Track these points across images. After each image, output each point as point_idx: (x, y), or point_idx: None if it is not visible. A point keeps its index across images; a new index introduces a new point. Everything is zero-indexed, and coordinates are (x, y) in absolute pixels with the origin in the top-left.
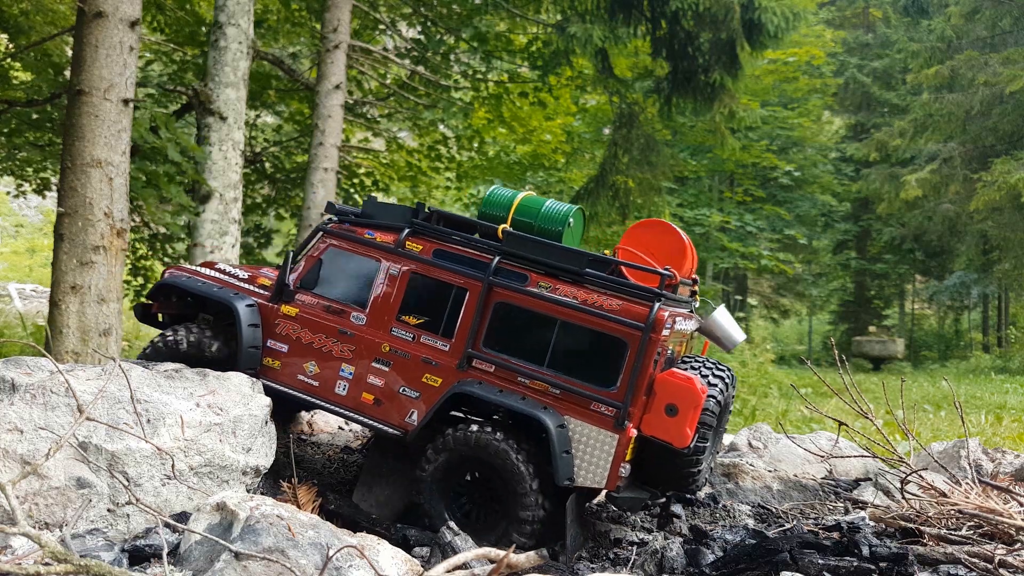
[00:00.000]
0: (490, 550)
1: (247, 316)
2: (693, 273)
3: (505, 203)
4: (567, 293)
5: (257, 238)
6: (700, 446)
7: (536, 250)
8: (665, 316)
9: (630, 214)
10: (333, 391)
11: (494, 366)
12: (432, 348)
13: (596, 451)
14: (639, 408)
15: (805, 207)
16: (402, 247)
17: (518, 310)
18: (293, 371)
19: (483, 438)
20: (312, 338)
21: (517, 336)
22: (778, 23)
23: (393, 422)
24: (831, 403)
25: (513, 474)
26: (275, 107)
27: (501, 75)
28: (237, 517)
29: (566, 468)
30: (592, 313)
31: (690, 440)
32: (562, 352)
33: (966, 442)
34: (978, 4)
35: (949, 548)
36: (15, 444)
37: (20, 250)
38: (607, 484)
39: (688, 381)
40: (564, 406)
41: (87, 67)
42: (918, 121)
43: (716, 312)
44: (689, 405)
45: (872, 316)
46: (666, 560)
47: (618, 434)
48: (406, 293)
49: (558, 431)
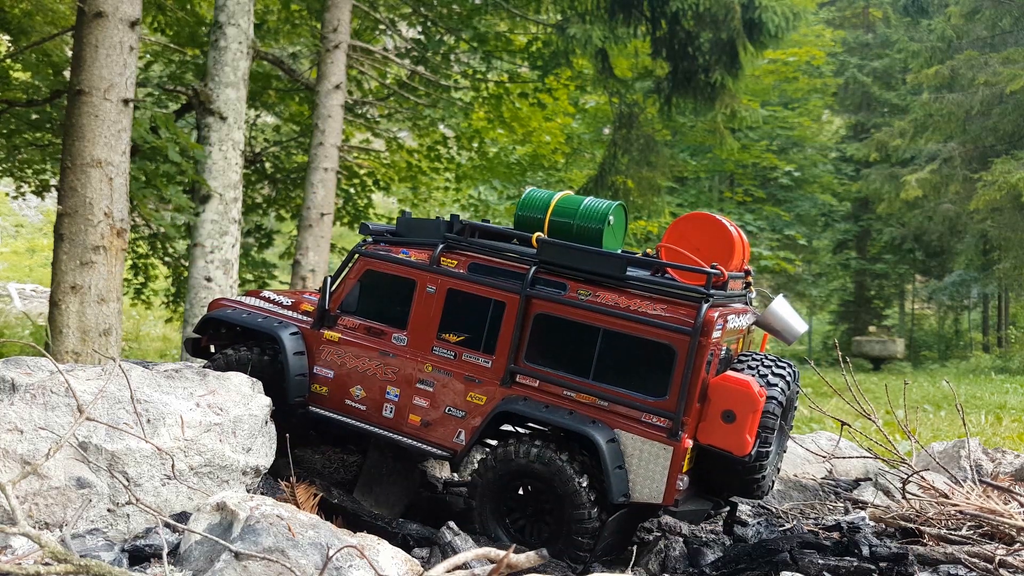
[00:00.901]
0: (490, 550)
1: (291, 345)
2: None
3: (542, 205)
4: (608, 299)
5: (258, 238)
6: (763, 451)
7: (572, 256)
8: (715, 317)
9: (630, 214)
10: (380, 414)
11: (538, 381)
12: (475, 365)
13: (650, 465)
14: (693, 417)
15: (805, 207)
16: (437, 264)
17: (559, 321)
18: (340, 396)
19: (534, 453)
20: (356, 362)
21: (560, 348)
22: (778, 23)
23: (441, 443)
24: (831, 403)
25: (567, 490)
26: (275, 107)
27: (501, 75)
28: (237, 517)
29: (620, 484)
30: (636, 319)
31: (751, 447)
32: (608, 362)
33: (966, 442)
34: (978, 4)
35: (949, 548)
36: (15, 444)
37: (20, 250)
38: (664, 499)
39: (744, 384)
40: (614, 419)
41: (87, 67)
42: (918, 121)
43: (774, 304)
44: (747, 410)
45: (872, 316)
46: (668, 560)
47: (672, 446)
48: (444, 310)
49: (609, 446)
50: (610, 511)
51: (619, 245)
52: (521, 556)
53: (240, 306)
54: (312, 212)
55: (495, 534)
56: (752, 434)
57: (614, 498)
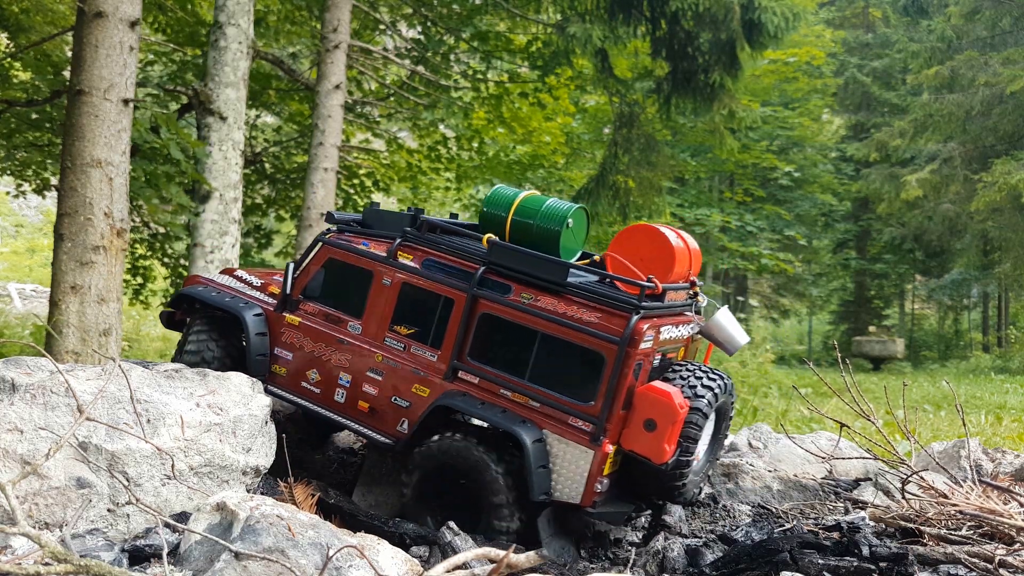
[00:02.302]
0: (490, 550)
1: (254, 325)
2: (692, 275)
3: (506, 203)
4: (548, 304)
5: (257, 239)
6: (683, 459)
7: (518, 260)
8: (644, 328)
9: (630, 214)
10: (333, 399)
11: (479, 378)
12: (421, 358)
13: (572, 466)
14: (617, 423)
15: (805, 207)
16: (394, 257)
17: (501, 322)
18: (297, 378)
19: (463, 448)
20: (313, 347)
21: (500, 348)
22: (778, 23)
23: (386, 431)
24: (831, 403)
25: (490, 485)
26: (275, 107)
27: (501, 75)
28: (237, 517)
29: (542, 483)
30: (571, 326)
31: (669, 456)
32: (543, 365)
33: (966, 442)
34: (978, 4)
35: (949, 548)
36: (15, 444)
37: (20, 250)
38: (582, 500)
39: (666, 395)
40: (544, 420)
41: (87, 67)
42: (918, 121)
43: (717, 315)
44: (667, 420)
45: (872, 316)
46: (667, 560)
47: (593, 450)
48: (398, 303)
49: (535, 445)
50: (534, 509)
51: (579, 247)
52: (521, 556)
53: (212, 284)
54: (312, 212)
55: (424, 520)
56: (671, 443)
57: (534, 496)
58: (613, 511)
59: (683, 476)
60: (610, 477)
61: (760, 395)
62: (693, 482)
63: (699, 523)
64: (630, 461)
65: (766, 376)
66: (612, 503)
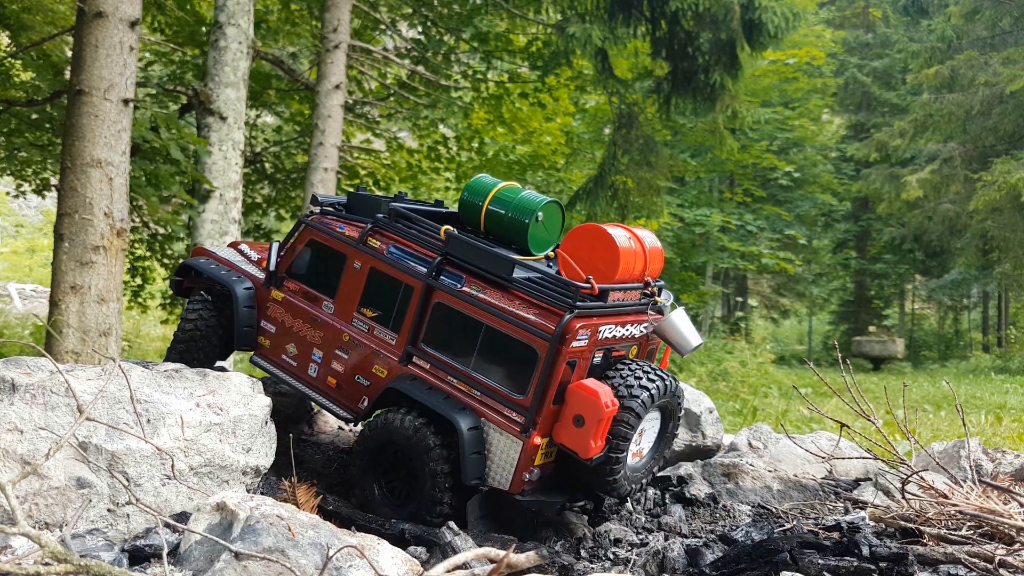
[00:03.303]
0: (490, 550)
1: (243, 298)
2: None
3: (483, 192)
4: (493, 298)
5: (257, 238)
6: (613, 456)
7: (470, 253)
8: (576, 327)
9: (629, 214)
10: (307, 372)
11: (430, 364)
12: (382, 341)
13: (504, 455)
14: (548, 416)
15: (805, 207)
16: (364, 242)
17: (452, 311)
18: (278, 351)
19: (405, 427)
20: (293, 322)
21: (450, 336)
22: (778, 23)
23: (348, 406)
24: (831, 403)
25: (427, 464)
26: (275, 107)
27: (501, 75)
28: (237, 517)
29: (474, 468)
30: (509, 320)
31: (596, 452)
32: (485, 356)
33: (966, 442)
34: (978, 4)
35: (949, 548)
36: (15, 444)
37: (20, 250)
38: (511, 488)
39: (593, 394)
40: (483, 408)
41: (87, 67)
42: (918, 121)
43: (670, 316)
44: (594, 418)
45: (872, 316)
46: (667, 560)
47: (523, 441)
48: (366, 287)
49: (470, 432)
50: (470, 491)
51: (553, 241)
52: (521, 556)
53: (213, 256)
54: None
55: (370, 493)
56: (596, 440)
57: (466, 480)
58: (544, 500)
59: (614, 472)
60: (544, 468)
61: (760, 395)
62: (632, 478)
63: (699, 523)
64: (565, 454)
65: (766, 376)
66: (546, 493)
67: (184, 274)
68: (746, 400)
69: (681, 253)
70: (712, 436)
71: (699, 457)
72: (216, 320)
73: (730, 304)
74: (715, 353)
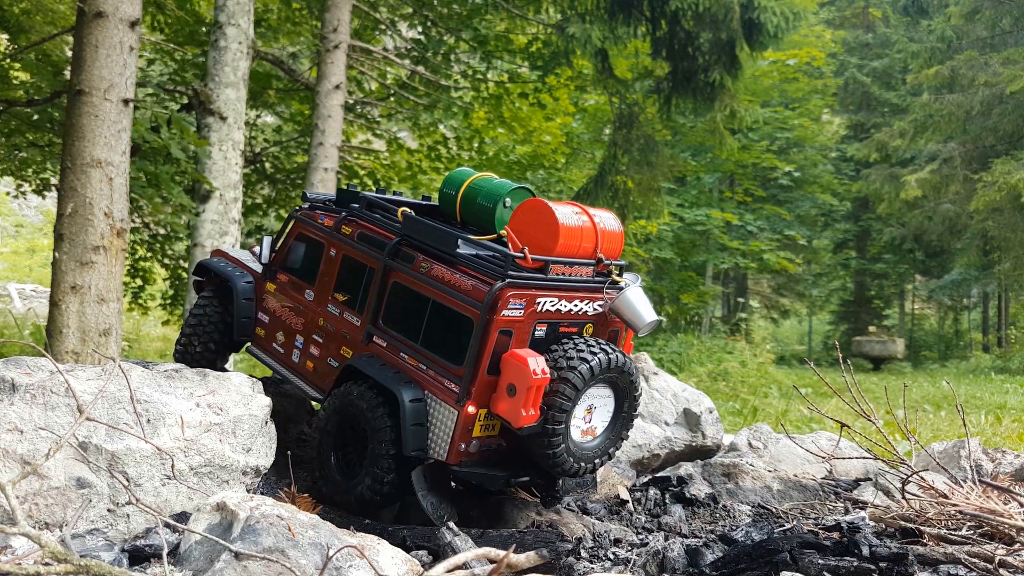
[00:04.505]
0: (490, 550)
1: (242, 291)
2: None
3: (458, 183)
4: (438, 273)
5: (257, 239)
6: (550, 428)
7: (420, 231)
8: (508, 296)
9: (630, 214)
10: (291, 358)
11: (386, 342)
12: (349, 323)
13: (443, 426)
14: (484, 387)
15: (805, 207)
16: (337, 231)
17: (406, 289)
18: (270, 340)
19: (356, 398)
20: (281, 312)
21: (404, 314)
22: (778, 23)
23: (321, 388)
24: (831, 403)
25: (374, 435)
26: (275, 107)
27: (501, 75)
28: (237, 517)
29: (414, 440)
30: (449, 292)
31: (527, 421)
32: (432, 330)
33: (966, 442)
34: (978, 4)
35: (949, 548)
36: (15, 444)
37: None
38: (448, 458)
39: (522, 361)
40: (428, 382)
41: (87, 67)
42: (918, 121)
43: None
44: (523, 385)
45: (872, 316)
46: (667, 560)
47: (458, 410)
48: (338, 273)
49: (412, 404)
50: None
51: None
52: (521, 556)
53: (225, 256)
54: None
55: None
56: (528, 408)
57: (406, 451)
58: (483, 473)
59: (552, 445)
60: (486, 441)
61: (760, 395)
62: (582, 456)
63: (699, 523)
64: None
65: (766, 376)
66: (486, 466)
67: (202, 274)
68: (746, 400)
69: (681, 253)
70: (712, 436)
71: (699, 457)
72: (219, 311)
73: (730, 304)
74: (715, 353)
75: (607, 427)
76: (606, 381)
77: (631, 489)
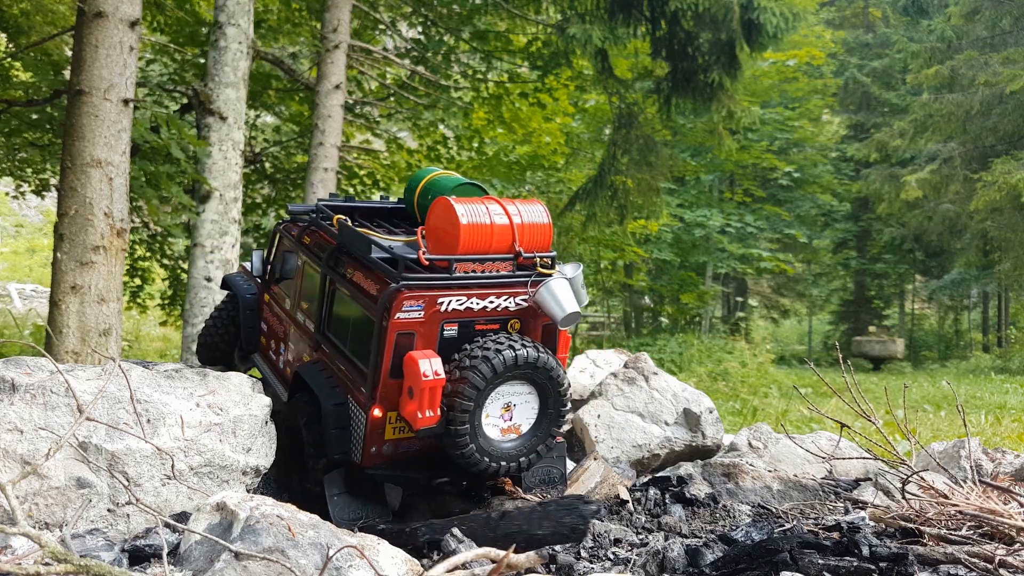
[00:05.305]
0: (490, 550)
1: (245, 304)
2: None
3: (416, 183)
4: (357, 278)
5: (257, 238)
6: (452, 428)
7: (348, 237)
8: (402, 298)
9: (629, 214)
10: (278, 366)
11: (329, 348)
12: (308, 330)
13: (357, 429)
14: (390, 390)
15: (805, 207)
16: (300, 240)
17: (339, 295)
18: (266, 348)
19: (291, 407)
20: (272, 321)
21: (339, 320)
22: (777, 23)
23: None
24: (831, 403)
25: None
26: (275, 107)
27: (501, 75)
28: (237, 517)
29: (335, 443)
30: (360, 297)
31: (425, 423)
32: (355, 335)
33: (966, 442)
34: (978, 4)
35: (949, 548)
36: (15, 444)
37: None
38: (362, 461)
39: (414, 362)
40: (349, 386)
41: (87, 67)
42: (918, 121)
43: (547, 283)
44: (417, 388)
45: (872, 316)
46: (667, 560)
47: (366, 414)
48: (302, 281)
49: (334, 408)
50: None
51: None
52: (521, 556)
53: (245, 271)
54: None
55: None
56: (423, 410)
57: (329, 454)
58: (398, 475)
59: (458, 445)
60: (404, 443)
61: (760, 395)
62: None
63: (699, 523)
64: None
65: (766, 376)
66: (406, 468)
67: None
68: (746, 400)
69: (681, 253)
70: (712, 436)
71: (699, 457)
72: (227, 322)
73: (730, 304)
74: (715, 353)
75: (533, 426)
76: (521, 378)
77: (631, 489)
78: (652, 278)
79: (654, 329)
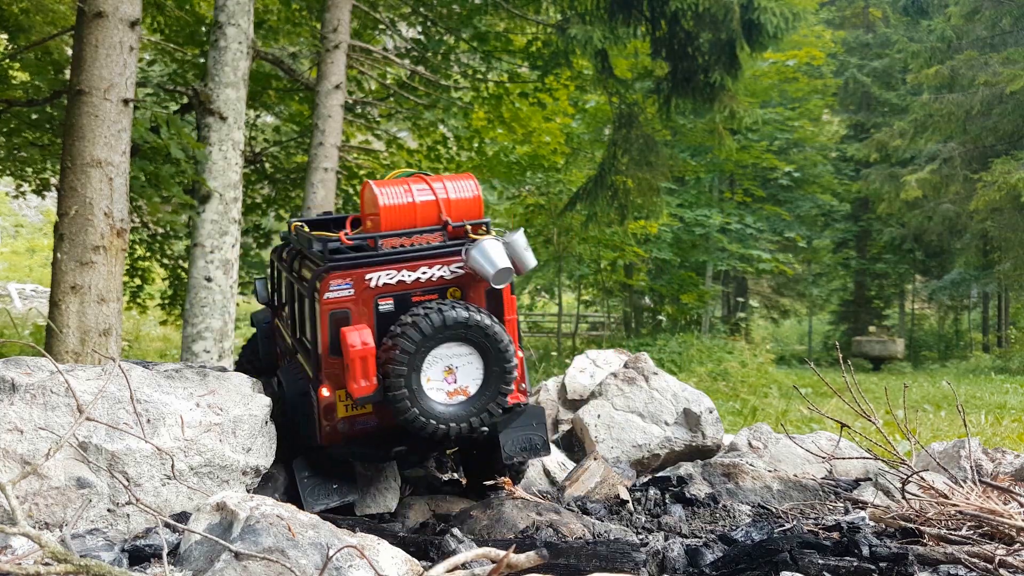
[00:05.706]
0: (490, 550)
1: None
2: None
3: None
4: (303, 272)
5: (257, 238)
6: (393, 395)
7: (297, 238)
8: (329, 279)
9: (629, 214)
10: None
11: (301, 349)
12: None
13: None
14: (331, 368)
15: (805, 207)
16: (282, 259)
17: (297, 293)
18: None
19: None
20: (278, 339)
21: (300, 316)
22: (777, 23)
23: None
24: (831, 403)
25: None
26: (275, 107)
27: (501, 75)
28: (237, 517)
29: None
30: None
31: (360, 392)
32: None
33: (966, 442)
34: (978, 4)
35: (949, 548)
36: (15, 444)
37: (20, 250)
38: (321, 440)
39: (344, 336)
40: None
41: (87, 67)
42: (918, 121)
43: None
44: (347, 359)
45: (872, 316)
46: (667, 560)
47: (315, 394)
48: (286, 295)
49: (297, 397)
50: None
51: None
52: (521, 556)
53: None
54: (312, 212)
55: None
56: (359, 380)
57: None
58: (360, 451)
59: (401, 411)
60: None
61: (760, 395)
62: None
63: (699, 523)
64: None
65: (766, 376)
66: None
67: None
68: (746, 400)
69: (681, 253)
70: (712, 436)
71: (699, 457)
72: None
73: (730, 304)
74: (715, 353)
75: (479, 387)
76: (456, 339)
77: (631, 489)
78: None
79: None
